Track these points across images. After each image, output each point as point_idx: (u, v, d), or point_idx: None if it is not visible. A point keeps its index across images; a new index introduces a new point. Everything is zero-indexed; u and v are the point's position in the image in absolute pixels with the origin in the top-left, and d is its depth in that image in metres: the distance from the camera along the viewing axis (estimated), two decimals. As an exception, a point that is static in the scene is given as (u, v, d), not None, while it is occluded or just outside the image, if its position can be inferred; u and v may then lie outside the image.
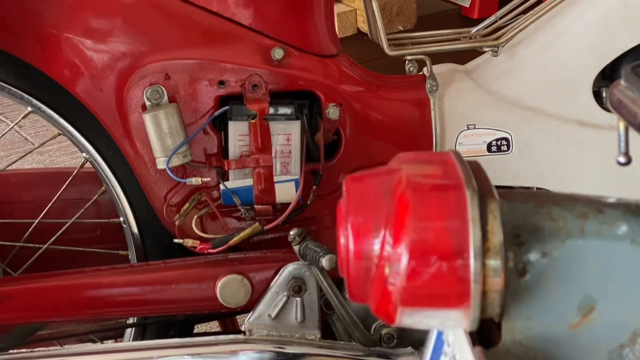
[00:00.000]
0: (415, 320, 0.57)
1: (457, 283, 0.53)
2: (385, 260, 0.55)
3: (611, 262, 0.56)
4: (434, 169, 0.57)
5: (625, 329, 0.56)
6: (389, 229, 0.55)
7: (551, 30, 1.21)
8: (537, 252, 0.56)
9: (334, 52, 1.19)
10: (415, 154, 0.60)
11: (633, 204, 0.58)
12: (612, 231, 0.56)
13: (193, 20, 1.11)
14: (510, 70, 1.22)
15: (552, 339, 0.57)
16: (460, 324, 0.56)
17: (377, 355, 1.08)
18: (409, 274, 0.54)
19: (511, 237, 0.56)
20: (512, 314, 0.56)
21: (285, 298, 1.08)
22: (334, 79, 1.15)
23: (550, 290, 0.56)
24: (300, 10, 1.15)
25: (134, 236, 1.22)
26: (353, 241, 0.56)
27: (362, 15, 2.07)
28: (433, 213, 0.54)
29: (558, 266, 0.56)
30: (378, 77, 1.22)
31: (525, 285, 0.56)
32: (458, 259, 0.53)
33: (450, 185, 0.55)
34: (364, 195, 0.57)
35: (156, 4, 1.11)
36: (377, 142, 1.18)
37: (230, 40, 1.12)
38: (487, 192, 0.55)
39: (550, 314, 0.56)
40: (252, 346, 1.06)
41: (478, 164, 0.59)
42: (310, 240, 1.06)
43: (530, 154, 1.20)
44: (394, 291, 0.55)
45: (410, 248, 0.54)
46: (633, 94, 0.57)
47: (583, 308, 0.56)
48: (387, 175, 0.58)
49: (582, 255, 0.56)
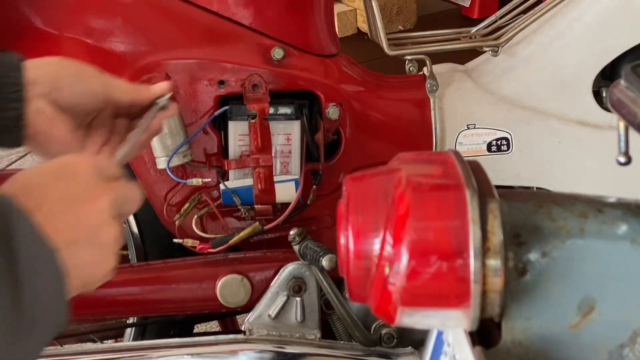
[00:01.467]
0: (415, 320, 0.57)
1: (457, 283, 0.53)
2: (385, 260, 0.55)
3: (611, 262, 0.56)
4: (433, 168, 0.57)
5: (625, 329, 0.56)
6: (389, 229, 0.55)
7: (551, 30, 1.21)
8: (537, 252, 0.56)
9: (334, 52, 1.19)
10: (415, 154, 0.60)
11: (633, 204, 0.58)
12: (612, 231, 0.56)
13: (193, 20, 1.11)
14: (510, 70, 1.22)
15: (552, 339, 0.57)
16: (460, 324, 0.56)
17: (377, 355, 1.08)
18: (409, 274, 0.54)
19: (511, 237, 0.56)
20: (512, 314, 0.56)
21: (285, 298, 1.08)
22: (334, 79, 1.15)
23: (550, 290, 0.56)
24: (300, 10, 1.15)
25: (134, 236, 1.22)
26: (353, 241, 0.56)
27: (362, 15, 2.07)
28: (433, 213, 0.54)
29: (558, 266, 0.56)
30: (378, 77, 1.22)
31: (525, 285, 0.56)
32: (458, 259, 0.53)
33: (450, 185, 0.55)
34: (364, 195, 0.57)
35: (156, 4, 1.11)
36: (377, 142, 1.18)
37: (231, 40, 1.12)
38: (487, 192, 0.55)
39: (550, 313, 0.56)
40: (252, 346, 1.06)
41: (478, 164, 0.59)
42: (310, 240, 1.06)
43: (530, 154, 1.20)
44: (394, 291, 0.55)
45: (410, 248, 0.54)
46: (633, 94, 0.57)
47: (583, 308, 0.56)
48: (387, 175, 0.58)
49: (582, 255, 0.56)
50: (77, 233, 0.68)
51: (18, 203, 0.63)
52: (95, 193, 0.71)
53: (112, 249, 0.72)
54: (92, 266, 0.70)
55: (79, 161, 0.72)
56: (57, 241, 0.64)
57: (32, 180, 0.69)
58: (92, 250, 0.70)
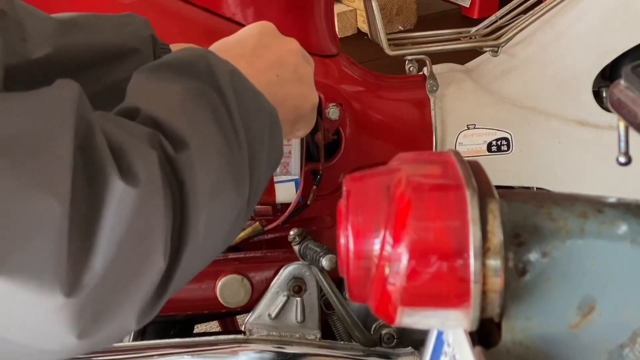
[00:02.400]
0: (415, 320, 0.57)
1: (457, 283, 0.53)
2: (385, 260, 0.55)
3: (611, 262, 0.56)
4: (434, 168, 0.57)
5: (625, 329, 0.56)
6: (389, 229, 0.55)
7: (551, 30, 1.21)
8: (537, 252, 0.56)
9: (334, 52, 1.19)
10: (415, 154, 0.60)
11: (633, 204, 0.58)
12: (612, 231, 0.56)
13: (193, 20, 1.11)
14: (511, 70, 1.22)
15: (552, 339, 0.57)
16: (460, 324, 0.56)
17: (377, 355, 1.08)
18: (409, 274, 0.54)
19: (511, 237, 0.56)
20: (512, 314, 0.56)
21: (285, 298, 1.08)
22: (334, 79, 1.15)
23: (550, 290, 0.56)
24: (300, 10, 1.15)
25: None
26: (353, 241, 0.56)
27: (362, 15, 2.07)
28: (433, 213, 0.54)
29: (558, 266, 0.56)
30: (378, 77, 1.22)
31: (525, 285, 0.56)
32: (458, 259, 0.53)
33: (450, 185, 0.55)
34: (364, 195, 0.57)
35: (156, 4, 1.11)
36: (377, 142, 1.18)
37: (230, 40, 1.12)
38: (487, 192, 0.55)
39: (550, 313, 0.56)
40: (252, 346, 1.06)
41: (478, 164, 0.59)
42: (310, 240, 1.06)
43: (530, 154, 1.20)
44: (394, 291, 0.55)
45: (410, 248, 0.54)
46: (633, 94, 0.57)
47: (583, 308, 0.56)
48: (387, 175, 0.58)
49: (582, 255, 0.56)
50: (280, 70, 0.76)
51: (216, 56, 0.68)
52: (284, 39, 0.80)
53: (311, 83, 0.80)
54: (299, 98, 0.78)
55: (259, 22, 0.82)
56: (263, 79, 0.71)
57: (225, 41, 0.79)
58: (297, 84, 0.78)
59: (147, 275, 0.55)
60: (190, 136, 0.59)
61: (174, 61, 0.66)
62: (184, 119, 0.60)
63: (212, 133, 0.61)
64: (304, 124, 0.81)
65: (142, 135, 0.57)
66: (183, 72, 0.64)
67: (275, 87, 0.73)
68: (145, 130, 0.58)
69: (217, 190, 0.60)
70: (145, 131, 0.58)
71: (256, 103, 0.67)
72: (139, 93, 0.63)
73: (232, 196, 0.62)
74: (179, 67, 0.65)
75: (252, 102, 0.67)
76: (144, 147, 0.56)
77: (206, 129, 0.61)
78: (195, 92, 0.62)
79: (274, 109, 0.70)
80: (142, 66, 0.67)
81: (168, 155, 0.57)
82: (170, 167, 0.57)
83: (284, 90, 0.75)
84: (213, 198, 0.59)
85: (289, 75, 0.77)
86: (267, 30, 0.80)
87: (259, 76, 0.70)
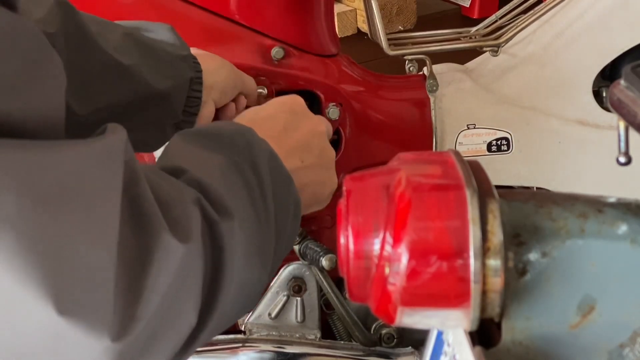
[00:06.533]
0: (415, 320, 0.57)
1: (457, 283, 0.53)
2: (385, 260, 0.55)
3: (611, 262, 0.56)
4: (433, 168, 0.57)
5: (625, 329, 0.56)
6: (389, 229, 0.55)
7: (551, 29, 1.21)
8: (537, 252, 0.56)
9: (334, 52, 1.19)
10: (415, 154, 0.60)
11: (633, 204, 0.58)
12: (612, 231, 0.56)
13: (193, 20, 1.11)
14: (510, 70, 1.22)
15: (552, 339, 0.57)
16: (460, 324, 0.56)
17: (377, 355, 1.08)
18: (409, 274, 0.54)
19: (511, 237, 0.56)
20: (512, 314, 0.56)
21: (285, 298, 1.08)
22: (334, 79, 1.15)
23: (550, 290, 0.56)
24: (300, 10, 1.15)
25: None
26: (353, 241, 0.56)
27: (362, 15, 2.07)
28: (433, 213, 0.54)
29: (558, 266, 0.56)
30: (378, 77, 1.22)
31: (525, 285, 0.56)
32: (458, 259, 0.53)
33: (450, 185, 0.55)
34: (364, 195, 0.57)
35: (156, 4, 1.11)
36: (377, 142, 1.18)
37: (231, 40, 1.12)
38: (487, 192, 0.55)
39: (550, 313, 0.56)
40: (252, 346, 1.06)
41: (478, 164, 0.59)
42: (310, 240, 1.06)
43: (530, 154, 1.20)
44: (394, 291, 0.55)
45: (410, 248, 0.54)
46: (633, 94, 0.57)
47: (583, 308, 0.56)
48: (387, 175, 0.58)
49: (582, 255, 0.56)
50: (305, 156, 0.77)
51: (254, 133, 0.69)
52: (312, 118, 0.81)
53: (333, 168, 0.82)
54: (319, 185, 0.80)
55: (291, 98, 0.82)
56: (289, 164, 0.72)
57: (257, 114, 0.79)
58: (319, 170, 0.79)
59: (180, 328, 0.57)
60: (233, 207, 0.61)
61: (217, 132, 0.69)
62: (227, 189, 0.62)
63: (248, 208, 0.63)
64: (318, 206, 0.83)
65: (187, 194, 0.59)
66: (224, 144, 0.67)
67: (299, 173, 0.74)
68: (191, 190, 0.60)
69: (249, 263, 0.63)
70: (190, 190, 0.59)
71: (286, 188, 0.70)
72: (182, 154, 0.65)
73: (260, 269, 0.65)
74: (221, 139, 0.67)
75: (283, 186, 0.70)
76: (190, 205, 0.58)
77: (244, 203, 0.63)
78: (235, 167, 0.65)
79: (299, 198, 0.72)
80: (185, 130, 0.70)
81: (211, 219, 0.59)
82: (211, 231, 0.59)
83: (306, 178, 0.77)
84: (245, 269, 0.62)
85: (313, 161, 0.79)
86: (297, 109, 0.81)
87: (285, 160, 0.71)
